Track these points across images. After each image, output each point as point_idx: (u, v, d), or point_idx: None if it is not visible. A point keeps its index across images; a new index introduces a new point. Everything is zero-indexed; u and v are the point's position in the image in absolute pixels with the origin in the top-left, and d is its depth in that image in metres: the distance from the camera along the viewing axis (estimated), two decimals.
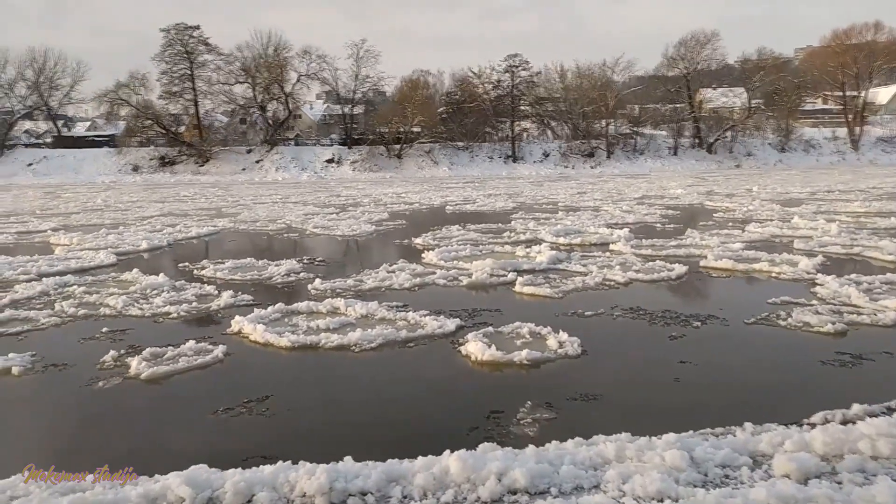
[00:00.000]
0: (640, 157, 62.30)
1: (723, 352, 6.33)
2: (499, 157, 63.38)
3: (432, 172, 59.44)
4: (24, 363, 6.17)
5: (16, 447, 4.63)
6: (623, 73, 65.93)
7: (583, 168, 60.30)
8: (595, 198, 25.27)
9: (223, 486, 3.54)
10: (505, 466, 3.67)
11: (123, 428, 4.86)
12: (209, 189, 37.52)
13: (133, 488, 3.53)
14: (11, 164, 57.19)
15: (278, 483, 3.60)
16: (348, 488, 3.55)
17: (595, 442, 4.00)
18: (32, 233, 16.71)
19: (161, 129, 59.93)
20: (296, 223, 18.00)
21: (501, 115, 65.09)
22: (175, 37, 59.16)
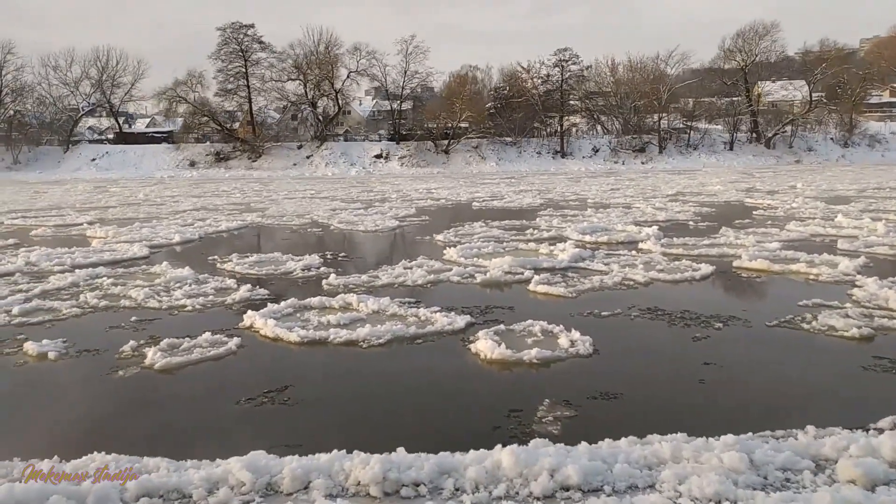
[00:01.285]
0: (693, 153, 60.58)
1: (746, 354, 6.13)
2: (547, 153, 62.70)
3: (479, 168, 59.25)
4: (57, 349, 6.50)
5: (54, 432, 4.79)
6: (677, 65, 64.26)
7: (633, 163, 59.05)
8: (627, 194, 24.72)
9: (281, 471, 3.64)
10: (557, 462, 3.66)
11: (154, 416, 5.03)
12: (251, 184, 38.46)
13: (196, 471, 3.67)
14: (76, 158, 59.75)
15: (334, 471, 3.67)
16: (401, 479, 3.60)
17: (650, 441, 3.97)
18: (70, 226, 17.39)
19: (216, 126, 61.58)
20: (322, 218, 18.24)
21: (550, 110, 64.34)
22: (230, 35, 60.64)
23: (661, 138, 61.03)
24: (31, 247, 12.89)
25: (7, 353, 6.49)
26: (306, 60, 61.46)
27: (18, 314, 7.81)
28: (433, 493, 3.50)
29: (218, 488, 3.54)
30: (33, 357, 6.30)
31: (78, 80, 62.08)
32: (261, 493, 3.50)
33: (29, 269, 10.73)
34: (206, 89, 61.57)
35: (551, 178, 41.25)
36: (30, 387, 5.77)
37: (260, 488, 3.54)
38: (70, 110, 62.48)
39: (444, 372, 5.86)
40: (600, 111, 65.73)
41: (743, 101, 61.53)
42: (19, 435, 4.73)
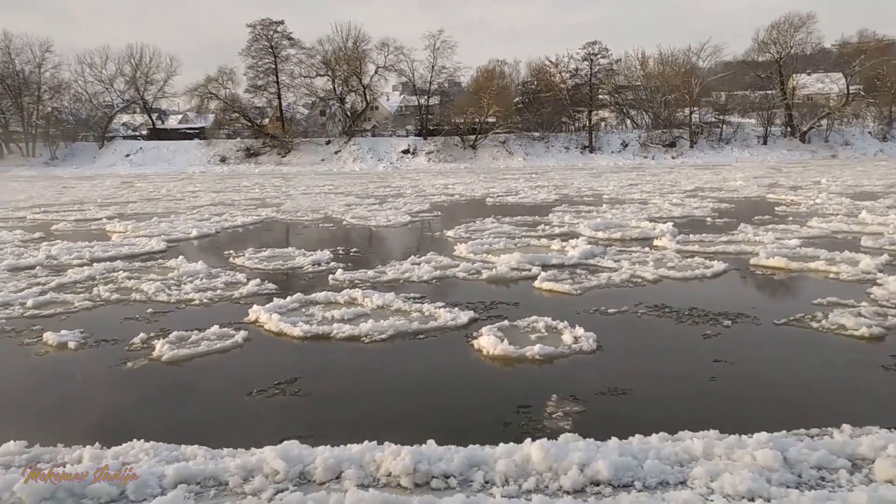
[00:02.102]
0: (725, 147, 59.46)
1: (758, 351, 6.04)
2: (575, 148, 62.15)
3: (507, 163, 59.01)
4: (76, 339, 6.69)
5: (81, 420, 4.94)
6: (709, 58, 63.13)
7: (663, 158, 58.20)
8: (645, 190, 24.41)
9: (314, 461, 3.71)
10: (587, 457, 3.67)
11: (171, 406, 5.15)
12: (274, 180, 38.87)
13: (232, 459, 3.76)
14: (111, 154, 61.11)
15: (365, 461, 3.73)
16: (432, 470, 3.64)
17: (681, 438, 3.95)
18: (90, 220, 17.78)
19: (247, 122, 62.39)
20: (336, 214, 18.34)
21: (578, 105, 63.76)
22: (261, 32, 61.32)
23: (692, 132, 60.02)
24: (54, 241, 13.22)
25: (27, 342, 6.68)
26: (335, 56, 61.89)
27: (32, 306, 8.00)
28: (463, 486, 3.53)
29: (253, 476, 3.62)
30: (53, 347, 6.48)
31: (112, 77, 63.52)
32: (294, 482, 3.57)
33: (49, 262, 11.00)
34: (237, 86, 62.57)
35: (574, 173, 40.97)
36: (53, 376, 5.94)
37: (293, 477, 3.61)
38: (105, 107, 63.90)
39: (446, 367, 5.88)
40: (630, 105, 64.92)
41: (777, 95, 60.19)
42: (52, 421, 4.88)
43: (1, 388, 5.70)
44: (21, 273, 10.14)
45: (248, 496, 3.45)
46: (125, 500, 3.42)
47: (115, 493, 3.46)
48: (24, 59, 61.00)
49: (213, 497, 3.46)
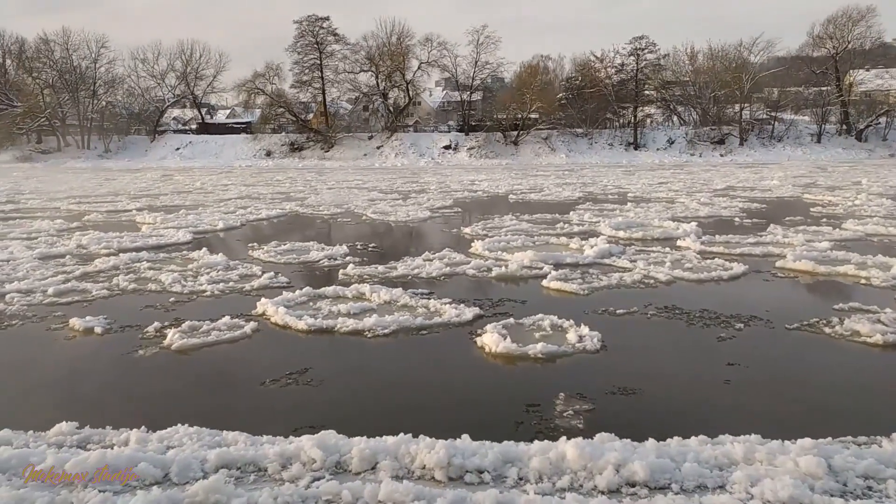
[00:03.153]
0: (777, 145, 57.57)
1: (773, 355, 5.92)
2: (619, 145, 61.12)
3: (549, 159, 58.45)
4: (101, 324, 6.96)
5: (112, 405, 5.14)
6: (761, 53, 61.05)
7: (711, 156, 56.72)
8: (673, 188, 23.93)
9: (350, 451, 3.78)
10: (623, 458, 3.65)
11: (186, 392, 5.32)
12: (308, 174, 39.44)
13: (271, 446, 3.86)
14: (162, 148, 62.94)
15: (400, 453, 3.79)
16: (465, 465, 3.67)
17: (721, 441, 3.91)
18: (120, 212, 18.34)
19: (292, 117, 63.38)
20: (358, 208, 18.50)
21: (624, 101, 62.65)
22: (306, 28, 62.14)
23: (742, 130, 58.30)
24: (87, 231, 13.67)
25: (54, 328, 6.94)
26: (378, 52, 62.28)
27: (53, 294, 8.28)
28: (497, 481, 3.53)
29: (291, 464, 3.70)
30: (80, 332, 6.75)
31: (164, 72, 65.40)
32: (330, 471, 3.62)
33: (79, 251, 11.37)
34: (283, 81, 63.59)
35: (608, 170, 40.41)
36: (85, 359, 6.22)
37: (330, 466, 3.67)
38: (157, 101, 65.85)
39: (449, 364, 5.90)
40: (677, 101, 63.44)
41: (833, 91, 57.86)
42: (82, 402, 5.10)
43: (39, 370, 5.91)
44: (51, 261, 10.51)
45: (286, 483, 3.51)
46: (169, 483, 3.52)
47: (160, 476, 3.57)
48: (80, 55, 63.46)
49: (252, 482, 3.53)
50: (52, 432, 4.16)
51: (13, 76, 65.82)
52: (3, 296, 8.21)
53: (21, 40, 65.75)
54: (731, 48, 61.39)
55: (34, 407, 5.02)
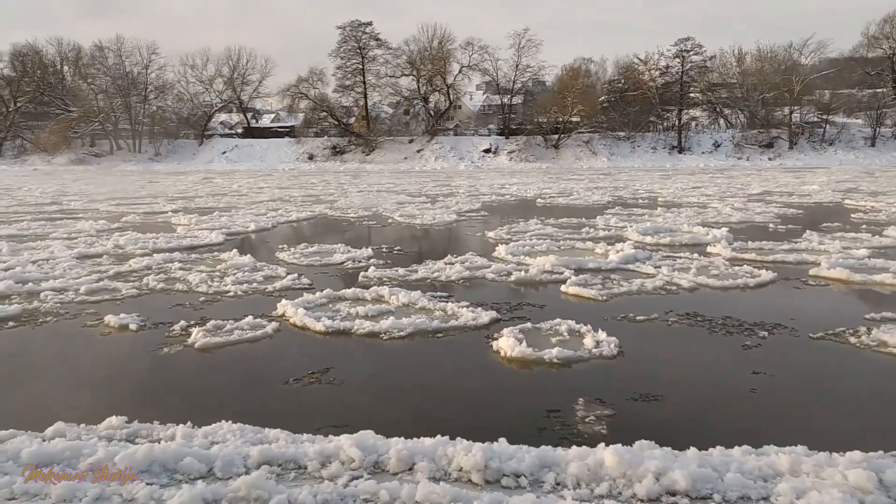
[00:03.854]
0: (828, 149, 55.83)
1: (800, 364, 5.72)
2: (663, 148, 60.20)
3: (590, 163, 57.91)
4: (135, 321, 7.12)
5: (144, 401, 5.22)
6: (813, 55, 59.42)
7: (759, 159, 55.33)
8: (706, 193, 23.34)
9: (388, 451, 3.81)
10: (664, 466, 3.58)
11: (215, 389, 5.41)
12: (344, 176, 39.75)
13: (311, 444, 3.92)
14: (209, 151, 64.66)
15: (437, 455, 3.79)
16: (503, 468, 3.66)
17: (766, 452, 3.81)
18: (157, 213, 18.74)
19: (334, 121, 64.38)
20: (386, 211, 18.52)
21: (668, 104, 61.73)
22: (349, 33, 63.14)
23: (791, 133, 56.73)
24: (125, 232, 14.10)
25: (89, 324, 7.14)
26: (420, 56, 62.80)
27: (84, 293, 8.53)
28: (534, 486, 3.51)
29: (330, 462, 3.73)
30: (115, 328, 6.91)
31: (212, 77, 67.31)
32: (368, 471, 3.65)
33: (115, 251, 11.71)
34: (326, 86, 64.79)
35: (648, 174, 39.76)
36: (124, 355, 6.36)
37: (368, 466, 3.70)
38: (204, 106, 67.71)
39: (466, 368, 5.84)
40: (724, 104, 62.15)
41: (888, 93, 55.79)
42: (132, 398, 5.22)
43: (80, 364, 6.07)
44: (87, 261, 10.83)
45: (326, 481, 3.54)
46: (212, 478, 3.58)
47: (204, 470, 3.65)
48: (133, 61, 65.78)
49: (293, 479, 3.58)
50: (102, 426, 4.28)
51: (70, 82, 68.55)
52: (37, 293, 8.51)
53: (77, 47, 68.65)
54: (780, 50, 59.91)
55: (78, 400, 5.17)
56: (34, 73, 66.38)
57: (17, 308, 7.73)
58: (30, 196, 26.08)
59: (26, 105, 64.63)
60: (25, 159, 62.80)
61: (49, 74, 67.22)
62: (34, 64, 67.11)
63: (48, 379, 5.72)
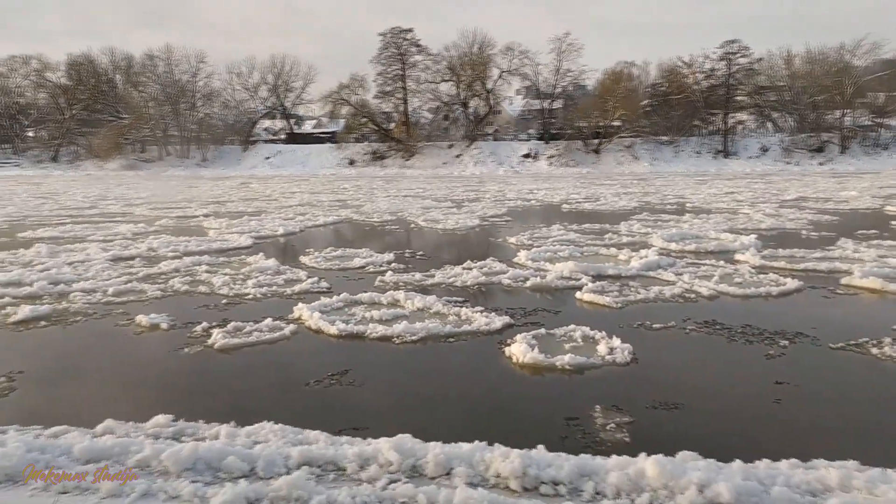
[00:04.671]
0: (882, 153, 53.80)
1: (823, 374, 5.57)
2: (707, 152, 58.94)
3: (631, 168, 57.08)
4: (165, 320, 7.35)
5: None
6: (866, 56, 57.27)
7: (809, 164, 53.68)
8: (739, 199, 22.76)
9: (426, 456, 3.84)
10: (707, 478, 3.52)
11: (238, 390, 5.48)
12: (377, 181, 39.99)
13: (350, 447, 3.96)
14: (253, 157, 66.04)
15: (475, 460, 3.80)
16: (541, 476, 3.64)
17: (815, 466, 3.72)
18: (189, 217, 19.16)
19: (374, 126, 65.03)
20: (410, 216, 18.59)
21: (713, 107, 60.44)
22: (390, 40, 63.74)
23: (843, 137, 54.86)
24: (160, 235, 14.51)
25: (121, 324, 7.36)
26: (460, 61, 62.95)
27: (112, 294, 8.80)
28: (572, 494, 3.48)
29: (368, 464, 3.77)
30: (146, 328, 7.12)
31: (257, 85, 68.77)
32: (406, 474, 3.67)
33: (148, 254, 12.05)
34: (367, 92, 65.47)
35: (684, 179, 38.91)
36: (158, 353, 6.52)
37: (406, 469, 3.73)
38: (249, 113, 69.23)
39: (476, 372, 5.80)
40: (771, 107, 60.52)
41: None
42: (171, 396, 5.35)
43: (116, 362, 6.24)
44: (120, 263, 11.16)
45: (364, 483, 3.58)
46: (254, 477, 3.64)
47: (247, 469, 3.71)
48: (181, 70, 67.69)
49: (332, 480, 3.62)
50: (149, 424, 4.37)
51: (121, 90, 70.99)
52: (67, 294, 8.82)
53: (129, 56, 71.04)
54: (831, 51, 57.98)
55: (117, 397, 5.33)
56: (88, 82, 68.95)
57: (48, 308, 8.00)
58: (72, 200, 27.00)
59: (81, 112, 67.14)
60: (79, 165, 65.24)
61: (102, 83, 69.69)
62: (88, 73, 69.74)
63: (89, 376, 5.91)
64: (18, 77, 72.06)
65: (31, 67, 71.03)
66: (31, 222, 18.26)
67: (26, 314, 7.66)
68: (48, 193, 32.27)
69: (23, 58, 71.37)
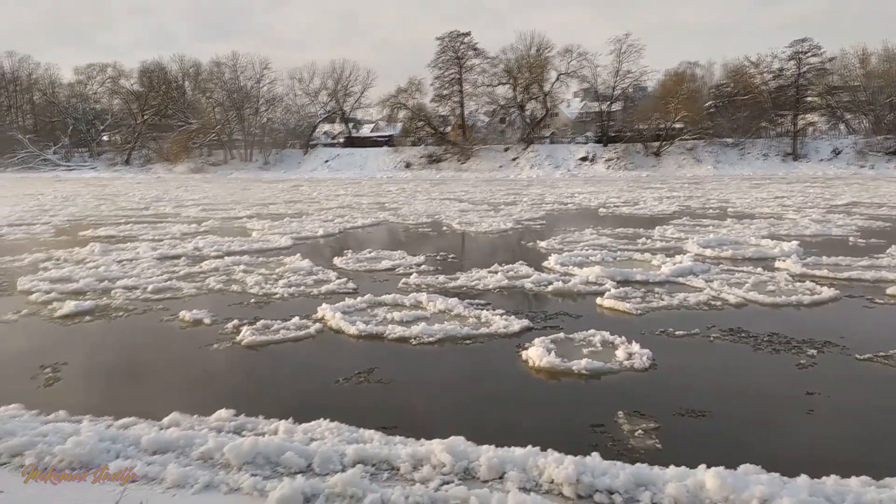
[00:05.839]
0: None
1: (852, 386, 5.33)
2: (775, 155, 56.68)
3: (694, 171, 55.50)
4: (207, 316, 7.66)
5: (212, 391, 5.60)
6: None
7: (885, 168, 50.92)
8: (786, 203, 21.89)
9: (478, 459, 3.87)
10: (770, 493, 3.44)
11: (270, 385, 5.65)
12: (423, 184, 40.31)
13: (403, 447, 4.03)
14: (313, 160, 67.52)
15: (528, 465, 3.80)
16: (595, 484, 3.61)
17: (888, 485, 3.62)
18: (233, 219, 19.72)
19: (430, 130, 65.48)
20: (445, 219, 18.66)
21: (781, 108, 58.08)
22: (448, 44, 64.11)
23: None
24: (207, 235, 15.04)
25: (165, 319, 7.67)
26: (517, 64, 62.70)
27: (151, 291, 9.19)
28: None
29: (422, 465, 3.82)
30: (189, 323, 7.41)
31: (317, 90, 70.30)
32: (459, 476, 3.69)
33: (193, 253, 12.51)
34: (424, 96, 66.01)
35: (735, 182, 37.67)
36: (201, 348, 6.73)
37: (458, 471, 3.74)
38: (309, 117, 70.86)
39: (494, 375, 5.77)
40: (845, 108, 57.68)
41: None
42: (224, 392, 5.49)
43: (172, 356, 6.50)
44: (166, 262, 11.62)
45: (417, 483, 3.61)
46: (311, 473, 3.74)
47: (304, 465, 3.81)
48: (246, 76, 69.91)
49: (385, 479, 3.67)
50: (212, 417, 4.51)
51: (190, 96, 73.93)
52: (109, 291, 9.27)
53: (197, 64, 73.87)
54: None
55: (166, 390, 5.53)
56: (159, 88, 72.09)
57: (91, 304, 8.38)
58: (129, 202, 28.18)
59: (152, 118, 70.29)
60: (150, 168, 68.23)
61: (172, 89, 72.75)
62: (159, 80, 72.93)
63: (142, 369, 6.14)
64: (95, 84, 76.18)
65: (106, 75, 75.00)
66: (90, 222, 19.21)
67: (71, 309, 8.02)
68: (109, 195, 33.76)
69: (99, 66, 75.47)
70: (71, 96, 75.94)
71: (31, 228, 17.37)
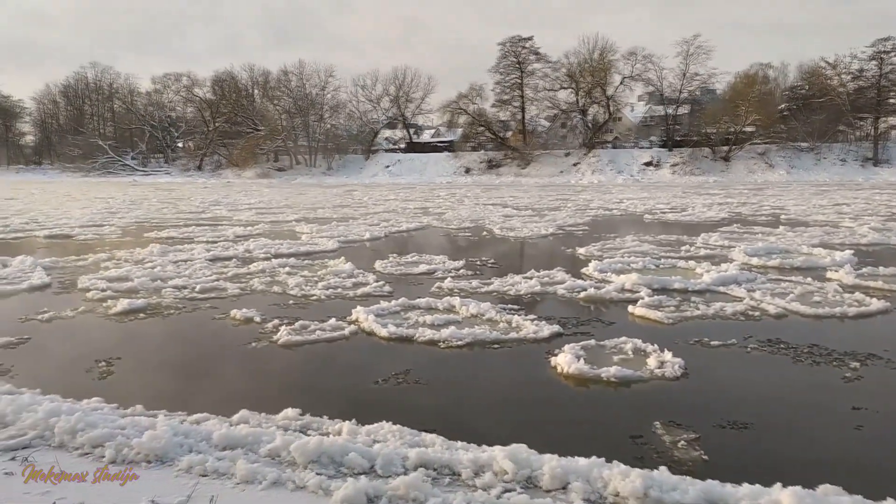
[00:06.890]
0: None
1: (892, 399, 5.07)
2: (854, 160, 54.04)
3: (766, 177, 53.51)
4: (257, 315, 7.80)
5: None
6: None
7: None
8: (844, 211, 20.76)
9: (541, 468, 3.82)
10: None
11: (299, 384, 5.77)
12: (475, 189, 40.19)
13: (465, 452, 4.04)
14: (374, 166, 68.65)
15: (592, 477, 3.74)
16: (663, 499, 3.51)
17: None
18: (282, 222, 20.13)
19: (491, 135, 65.47)
20: (488, 224, 18.61)
21: (861, 111, 55.28)
22: (509, 49, 64.03)
23: None
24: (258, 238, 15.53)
25: (218, 317, 7.90)
26: (579, 68, 61.99)
27: (199, 290, 9.54)
28: None
29: (483, 472, 3.79)
30: (241, 321, 7.62)
31: (379, 96, 71.56)
32: (521, 485, 3.66)
33: (244, 255, 12.91)
34: (485, 101, 66.13)
35: (800, 187, 35.93)
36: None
37: (521, 480, 3.71)
38: (372, 123, 72.13)
39: (523, 381, 5.68)
40: None
41: None
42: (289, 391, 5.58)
43: (234, 353, 6.60)
44: (217, 263, 12.01)
45: (479, 490, 3.60)
46: (374, 475, 3.75)
47: (367, 466, 3.83)
48: (312, 84, 71.82)
49: (447, 484, 3.66)
50: (279, 416, 4.58)
51: (258, 104, 76.49)
52: (159, 290, 9.70)
53: (266, 72, 76.42)
54: None
55: (221, 385, 5.68)
56: (230, 97, 74.93)
57: (143, 302, 8.77)
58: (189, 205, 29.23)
59: (223, 125, 73.09)
60: (220, 173, 70.94)
61: (242, 97, 75.47)
62: (230, 88, 75.80)
63: (205, 366, 6.33)
64: (171, 93, 79.90)
65: (181, 84, 78.53)
66: (152, 224, 20.06)
67: (124, 307, 8.43)
68: (173, 199, 35.05)
69: (175, 75, 79.08)
70: (148, 104, 79.92)
71: (100, 230, 18.35)
